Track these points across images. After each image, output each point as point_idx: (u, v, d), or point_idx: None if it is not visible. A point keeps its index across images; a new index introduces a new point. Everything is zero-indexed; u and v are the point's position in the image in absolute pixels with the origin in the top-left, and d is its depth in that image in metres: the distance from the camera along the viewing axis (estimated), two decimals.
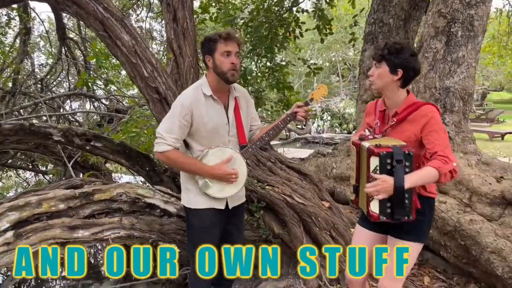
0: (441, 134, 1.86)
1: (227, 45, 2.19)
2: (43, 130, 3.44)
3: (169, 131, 2.22)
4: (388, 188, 1.75)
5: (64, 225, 2.91)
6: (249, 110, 2.52)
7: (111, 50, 3.34)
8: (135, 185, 3.29)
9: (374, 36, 4.33)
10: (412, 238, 1.98)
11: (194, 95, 2.27)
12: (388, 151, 1.77)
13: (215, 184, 2.33)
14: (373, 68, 2.00)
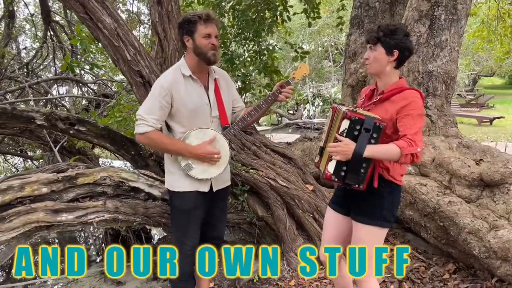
0: (416, 120, 1.87)
1: (207, 27, 2.19)
2: (25, 114, 3.41)
3: (149, 112, 2.22)
4: (348, 151, 1.80)
5: (47, 208, 2.92)
6: (231, 92, 2.53)
7: (93, 33, 3.30)
8: (118, 169, 3.29)
9: (360, 20, 4.32)
10: (369, 221, 2.00)
11: (173, 76, 2.27)
12: (360, 117, 1.81)
13: (198, 165, 2.33)
14: (368, 52, 1.99)
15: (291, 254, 3.33)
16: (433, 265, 3.25)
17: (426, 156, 3.33)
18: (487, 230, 2.78)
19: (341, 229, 2.21)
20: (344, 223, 2.19)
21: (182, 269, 2.54)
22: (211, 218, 2.57)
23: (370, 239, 2.04)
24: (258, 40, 5.26)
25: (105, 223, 3.26)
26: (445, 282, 3.00)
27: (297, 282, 3.18)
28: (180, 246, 2.48)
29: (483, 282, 2.87)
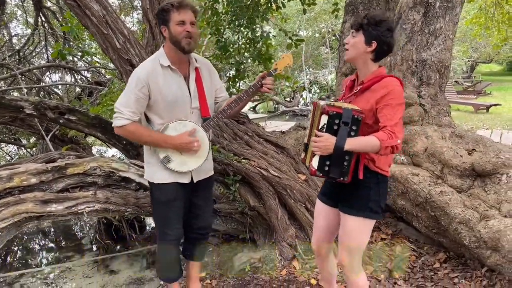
0: (396, 109, 1.84)
1: (180, 13, 2.14)
2: (14, 103, 3.36)
3: (125, 104, 2.19)
4: (329, 146, 1.79)
5: (36, 199, 2.90)
6: (213, 81, 2.48)
7: (81, 20, 3.23)
8: (109, 159, 3.27)
9: (354, 7, 4.25)
10: (355, 212, 2.00)
11: (151, 66, 2.22)
12: (338, 111, 1.80)
13: (177, 158, 2.30)
14: (349, 37, 1.97)
15: (283, 243, 3.33)
16: (424, 254, 3.26)
17: (418, 145, 3.32)
18: (478, 220, 2.78)
19: (330, 221, 2.22)
20: (332, 215, 2.19)
21: (167, 258, 2.54)
22: (196, 208, 2.55)
23: (358, 230, 2.04)
24: (252, 27, 5.17)
25: (96, 213, 3.24)
26: (435, 271, 3.02)
27: (289, 272, 3.19)
28: (163, 236, 2.47)
29: (473, 272, 2.89)
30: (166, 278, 2.66)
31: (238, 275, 3.18)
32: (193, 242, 2.69)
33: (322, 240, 2.30)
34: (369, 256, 3.25)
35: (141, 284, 3.81)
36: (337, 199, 2.11)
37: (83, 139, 5.49)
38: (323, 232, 2.28)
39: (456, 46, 16.88)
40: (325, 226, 2.25)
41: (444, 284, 2.81)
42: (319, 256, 2.37)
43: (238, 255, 3.34)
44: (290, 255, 3.31)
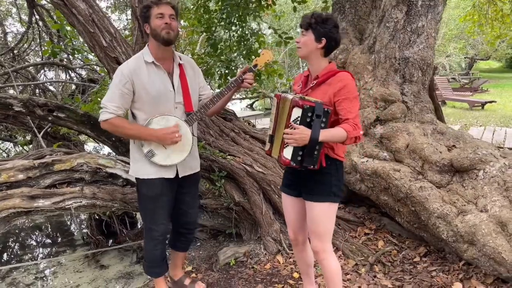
0: (353, 102, 2.00)
1: (159, 8, 2.23)
2: (3, 101, 3.42)
3: (110, 100, 2.26)
4: (305, 138, 1.91)
5: (23, 194, 2.96)
6: (197, 79, 2.54)
7: (68, 19, 3.29)
8: (96, 155, 3.33)
9: (341, 5, 4.29)
10: (321, 198, 2.12)
11: (135, 63, 2.29)
12: (311, 105, 1.90)
13: (161, 152, 2.36)
14: (300, 36, 2.08)
15: (268, 238, 3.39)
16: (405, 249, 3.33)
17: (400, 142, 3.37)
18: (455, 215, 2.84)
19: (299, 210, 2.31)
20: (299, 204, 2.29)
21: (153, 254, 2.60)
22: (182, 204, 2.61)
23: (325, 216, 2.14)
24: (242, 25, 5.22)
25: (83, 209, 3.30)
26: (415, 265, 3.08)
27: (273, 265, 3.25)
28: (150, 232, 2.53)
29: (451, 265, 2.95)
30: (152, 273, 2.73)
31: (223, 269, 3.25)
32: (179, 235, 2.76)
33: (297, 230, 2.39)
34: (351, 250, 3.32)
35: (130, 278, 3.88)
36: (300, 189, 2.21)
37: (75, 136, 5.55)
38: (296, 222, 2.37)
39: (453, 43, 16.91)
40: (296, 216, 2.35)
41: (422, 277, 2.88)
42: (297, 246, 2.46)
43: (224, 249, 3.40)
44: (274, 250, 3.38)
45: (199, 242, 3.86)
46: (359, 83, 3.77)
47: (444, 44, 16.87)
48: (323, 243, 2.19)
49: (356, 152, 3.67)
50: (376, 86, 3.59)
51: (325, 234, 2.18)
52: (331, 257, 2.24)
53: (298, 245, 2.45)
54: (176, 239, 2.78)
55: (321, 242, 2.19)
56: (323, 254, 2.22)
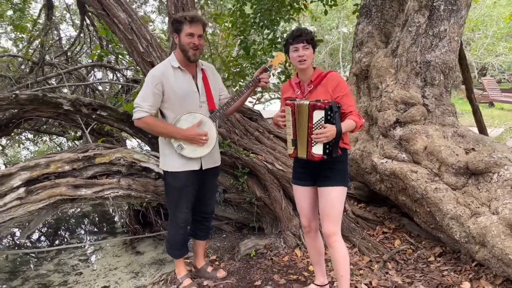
0: (350, 96, 2.35)
1: (191, 27, 2.49)
2: (54, 100, 3.84)
3: (144, 99, 2.55)
4: (333, 133, 2.21)
5: (69, 184, 3.35)
6: (217, 82, 2.83)
7: (110, 27, 3.65)
8: (132, 150, 3.67)
9: (368, 9, 4.38)
10: (337, 183, 2.39)
11: (164, 68, 2.60)
12: (328, 105, 2.20)
13: (188, 146, 2.65)
14: (303, 50, 2.33)
15: (287, 232, 3.59)
16: (421, 248, 3.40)
17: (418, 144, 3.44)
18: (468, 217, 2.90)
19: (311, 199, 2.56)
20: (312, 193, 2.54)
21: (175, 238, 2.90)
22: (202, 196, 2.90)
23: (339, 199, 2.40)
24: (274, 28, 5.43)
25: (120, 199, 3.67)
26: (428, 264, 3.16)
27: (290, 258, 3.44)
28: (174, 218, 2.83)
29: (463, 266, 3.01)
30: (173, 254, 3.03)
31: (244, 259, 3.48)
32: (199, 223, 3.04)
33: (310, 217, 2.62)
34: (367, 247, 3.44)
35: (162, 264, 4.21)
36: (315, 179, 2.45)
37: (117, 133, 6.00)
38: (309, 210, 2.60)
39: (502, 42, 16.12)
40: (309, 204, 2.58)
41: (433, 276, 2.96)
42: (309, 233, 2.67)
43: (245, 241, 3.64)
44: (293, 244, 3.56)
45: (225, 234, 4.12)
46: (381, 86, 3.86)
47: (494, 43, 16.13)
48: (335, 226, 2.41)
49: (376, 153, 3.77)
50: (397, 89, 3.67)
51: (337, 218, 2.42)
52: (341, 241, 2.46)
53: (311, 232, 2.66)
54: (196, 227, 3.06)
55: (333, 225, 2.40)
56: (334, 237, 2.42)
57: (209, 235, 3.30)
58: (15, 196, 3.11)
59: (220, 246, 3.83)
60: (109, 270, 4.06)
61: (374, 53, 4.17)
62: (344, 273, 2.48)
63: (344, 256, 2.46)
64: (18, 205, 3.15)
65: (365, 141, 4.07)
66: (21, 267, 4.22)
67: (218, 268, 3.27)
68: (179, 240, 2.91)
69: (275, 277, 3.14)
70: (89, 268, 4.14)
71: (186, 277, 3.05)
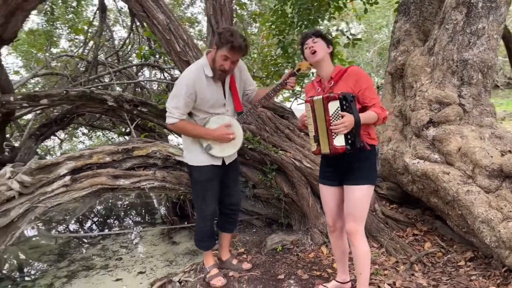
0: (372, 89, 2.34)
1: (230, 53, 2.54)
2: (100, 97, 4.14)
3: (176, 107, 2.67)
4: (351, 122, 2.20)
5: (109, 174, 3.60)
6: (243, 77, 2.92)
7: (150, 28, 3.87)
8: (167, 144, 3.88)
9: (406, 7, 4.29)
10: (362, 181, 2.37)
11: (197, 75, 2.66)
12: (342, 95, 2.21)
13: (217, 146, 2.79)
14: (313, 43, 2.39)
15: (315, 229, 3.62)
16: (452, 252, 3.31)
17: (452, 145, 3.35)
18: (500, 221, 2.80)
19: (337, 199, 2.56)
20: (338, 193, 2.54)
21: (202, 230, 3.04)
22: (227, 188, 3.02)
23: (364, 198, 2.40)
24: (312, 27, 5.44)
25: (156, 190, 3.88)
26: (457, 268, 3.07)
27: (316, 255, 3.48)
28: (200, 212, 2.98)
29: (493, 271, 2.90)
30: (201, 246, 3.17)
31: (270, 253, 3.57)
32: (226, 216, 3.17)
33: (336, 217, 2.64)
34: (395, 248, 3.40)
35: (195, 255, 4.39)
36: (341, 178, 2.45)
37: (160, 128, 6.29)
38: (335, 210, 2.62)
39: None
40: (335, 204, 2.60)
41: (460, 280, 2.88)
42: (334, 232, 2.70)
43: (272, 235, 3.72)
44: (320, 241, 3.60)
45: (255, 228, 4.22)
46: (415, 85, 3.79)
47: None
48: (358, 225, 2.41)
49: (408, 153, 3.71)
50: (431, 88, 3.58)
51: (361, 216, 2.42)
52: (363, 239, 2.46)
53: (335, 231, 2.69)
54: (224, 220, 3.19)
55: (356, 223, 2.42)
56: (356, 235, 2.44)
57: (236, 228, 3.41)
58: (61, 183, 3.40)
59: (249, 240, 3.93)
60: (146, 257, 4.30)
61: (410, 51, 4.08)
62: (363, 270, 2.50)
63: (365, 254, 2.46)
64: (64, 192, 3.44)
65: (398, 141, 4.00)
66: (68, 250, 4.58)
67: (243, 261, 3.38)
68: (206, 232, 3.05)
69: (299, 272, 3.20)
70: (128, 254, 4.41)
71: (213, 267, 3.19)
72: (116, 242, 4.81)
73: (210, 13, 4.33)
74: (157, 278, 3.51)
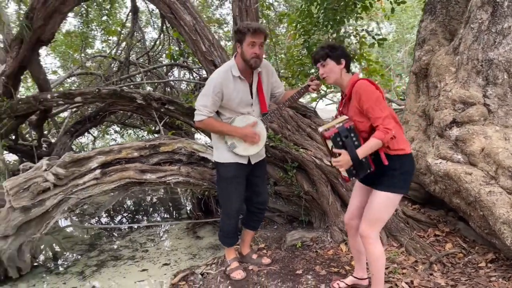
0: (375, 108, 2.22)
1: (253, 37, 2.65)
2: (129, 95, 4.34)
3: (204, 105, 2.80)
4: (348, 161, 2.25)
5: (137, 168, 3.78)
6: (270, 80, 3.01)
7: (178, 29, 4.03)
8: (192, 141, 4.02)
9: (432, 6, 4.24)
10: (383, 188, 2.37)
11: (225, 76, 2.78)
12: (335, 132, 2.23)
13: (241, 145, 2.89)
14: (321, 69, 2.40)
15: (334, 227, 3.67)
16: (473, 253, 3.27)
17: (475, 145, 3.31)
18: None
19: (363, 199, 2.59)
20: (366, 193, 2.58)
21: (227, 227, 3.14)
22: (255, 186, 3.11)
23: (382, 204, 2.40)
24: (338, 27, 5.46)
25: (181, 185, 4.03)
26: (477, 269, 3.04)
27: (335, 252, 3.52)
28: (225, 208, 3.09)
29: None
30: (225, 242, 3.28)
31: (290, 249, 3.64)
32: (252, 214, 3.26)
33: (354, 216, 2.68)
34: (415, 248, 3.39)
35: (218, 250, 4.51)
36: (372, 180, 2.47)
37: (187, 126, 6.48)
38: (356, 209, 2.66)
39: None
40: (358, 203, 2.64)
41: (479, 281, 2.85)
42: (350, 230, 2.74)
43: (292, 232, 3.79)
44: (340, 239, 3.63)
45: (276, 225, 4.30)
46: (439, 85, 3.76)
47: None
48: (370, 229, 2.43)
49: (431, 154, 3.68)
50: (455, 88, 3.55)
51: (375, 222, 2.43)
52: (375, 243, 2.47)
53: (351, 229, 2.73)
54: (250, 218, 3.28)
55: (368, 227, 2.44)
56: (368, 239, 2.46)
57: (259, 226, 3.51)
58: (92, 176, 3.61)
59: (270, 236, 4.02)
60: (171, 250, 4.46)
61: (435, 51, 4.05)
62: (376, 272, 2.52)
63: (376, 257, 2.48)
64: (94, 185, 3.65)
65: (421, 141, 3.98)
66: (99, 241, 4.81)
67: (263, 256, 3.47)
68: (230, 229, 3.15)
69: (317, 268, 3.26)
70: (154, 246, 4.58)
71: (234, 260, 3.30)
72: (143, 235, 5.00)
73: (236, 14, 4.45)
74: (180, 270, 3.65)
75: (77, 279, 3.74)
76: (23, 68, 5.51)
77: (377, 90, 2.29)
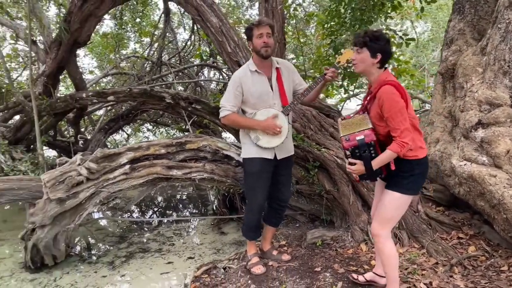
0: (396, 119, 2.20)
1: (259, 29, 2.84)
2: (158, 94, 4.52)
3: (227, 100, 2.97)
4: (361, 170, 2.34)
5: (164, 165, 3.94)
6: (292, 77, 3.10)
7: (204, 30, 4.16)
8: (216, 139, 4.14)
9: (461, 5, 4.17)
10: (392, 187, 2.42)
11: (243, 72, 2.98)
12: (354, 145, 2.29)
13: (264, 137, 2.99)
14: (355, 54, 2.35)
15: (355, 227, 3.69)
16: (496, 257, 3.22)
17: (501, 147, 3.25)
18: None
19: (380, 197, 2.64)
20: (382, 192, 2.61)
21: (250, 221, 3.25)
22: (278, 183, 3.20)
23: (392, 203, 2.43)
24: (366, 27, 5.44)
25: (206, 182, 4.16)
26: (499, 273, 2.99)
27: (355, 252, 3.55)
28: (250, 203, 3.19)
29: None
30: (247, 235, 3.39)
31: (310, 247, 3.69)
32: (273, 211, 3.36)
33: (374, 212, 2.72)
34: (436, 250, 3.37)
35: (241, 245, 4.62)
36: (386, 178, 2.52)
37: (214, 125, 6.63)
38: (375, 204, 2.73)
39: None
40: (378, 199, 2.68)
41: (500, 284, 2.81)
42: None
43: (312, 230, 3.84)
44: (360, 238, 3.66)
45: (298, 223, 4.37)
46: (466, 86, 3.70)
47: None
48: (381, 228, 2.48)
49: (456, 155, 3.64)
50: (482, 89, 3.49)
51: (386, 221, 2.47)
52: (386, 242, 2.51)
53: None
54: (271, 215, 3.38)
55: (379, 225, 2.49)
56: (378, 238, 2.52)
57: (280, 223, 3.59)
58: (122, 171, 3.80)
59: (291, 233, 4.09)
60: (196, 245, 4.61)
61: (463, 51, 3.99)
62: (388, 271, 2.56)
63: (387, 256, 2.51)
64: (124, 179, 3.84)
65: (446, 143, 3.93)
66: (128, 234, 5.03)
67: (283, 252, 3.55)
68: (253, 223, 3.26)
69: (335, 266, 3.30)
70: (180, 241, 4.75)
71: (254, 255, 3.40)
72: (171, 229, 5.18)
73: (262, 15, 4.54)
74: (203, 263, 3.78)
75: (107, 269, 3.94)
76: (62, 68, 5.84)
77: (402, 99, 2.22)
